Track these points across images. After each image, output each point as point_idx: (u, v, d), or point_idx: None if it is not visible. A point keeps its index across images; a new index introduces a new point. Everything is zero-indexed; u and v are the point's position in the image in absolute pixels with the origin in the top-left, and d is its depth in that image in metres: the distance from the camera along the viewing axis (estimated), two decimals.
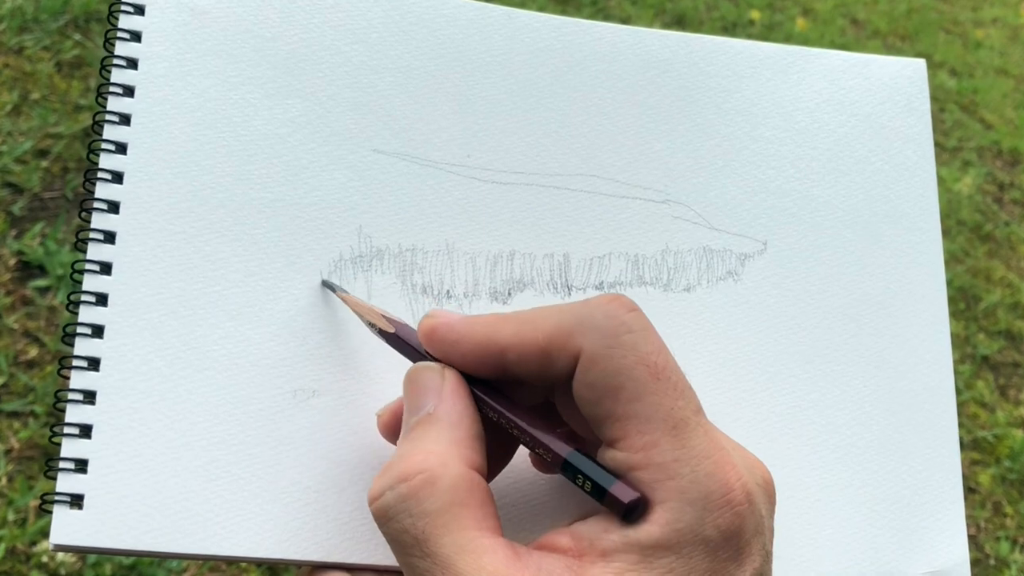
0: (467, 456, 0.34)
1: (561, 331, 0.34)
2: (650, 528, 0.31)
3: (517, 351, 0.35)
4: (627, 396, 0.33)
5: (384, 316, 0.40)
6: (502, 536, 0.32)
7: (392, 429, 0.39)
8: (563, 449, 0.34)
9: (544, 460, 0.35)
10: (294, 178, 0.43)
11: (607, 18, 2.43)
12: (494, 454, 0.36)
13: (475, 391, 0.36)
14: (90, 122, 1.59)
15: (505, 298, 0.45)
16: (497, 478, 0.40)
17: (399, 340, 0.39)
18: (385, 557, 0.40)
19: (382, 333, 0.40)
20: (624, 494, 0.32)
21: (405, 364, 0.38)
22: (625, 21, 2.45)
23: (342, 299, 0.42)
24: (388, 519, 0.33)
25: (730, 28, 2.69)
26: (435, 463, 0.33)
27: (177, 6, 0.43)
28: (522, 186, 0.46)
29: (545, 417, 0.37)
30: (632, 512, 0.32)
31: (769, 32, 2.76)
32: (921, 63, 0.53)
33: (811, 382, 0.47)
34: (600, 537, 0.32)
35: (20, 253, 1.39)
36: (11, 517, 1.16)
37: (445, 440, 0.34)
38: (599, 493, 0.33)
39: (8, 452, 1.21)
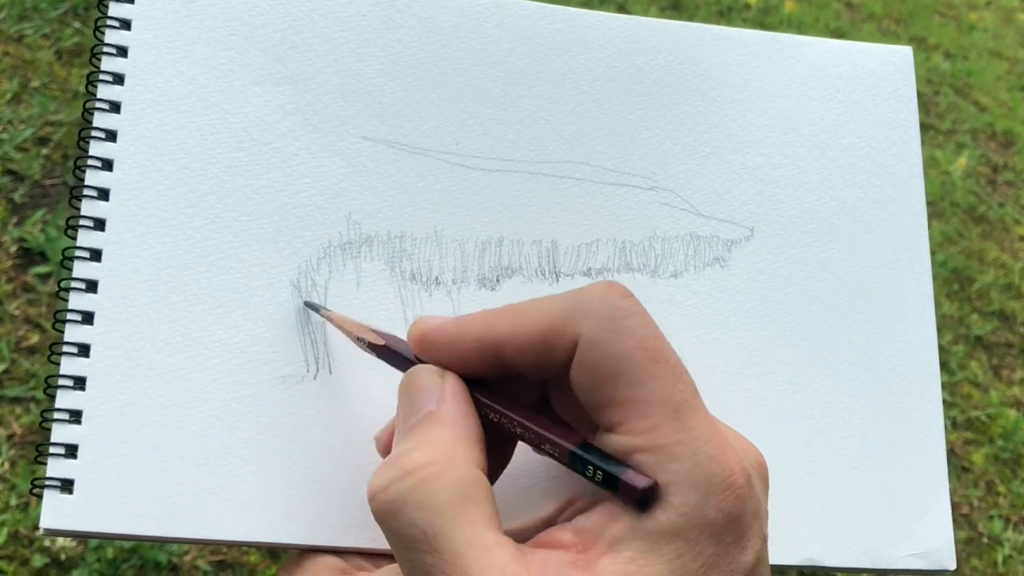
0: (471, 455, 0.33)
1: (559, 319, 0.34)
2: (656, 514, 0.31)
3: (515, 343, 0.35)
4: (627, 381, 0.32)
5: (372, 330, 0.40)
6: (504, 535, 0.32)
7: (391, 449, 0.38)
8: (570, 442, 0.33)
9: (551, 455, 0.34)
10: (283, 165, 0.44)
11: None
12: (492, 458, 0.35)
13: (475, 394, 0.36)
14: None
15: (493, 284, 0.45)
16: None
17: (390, 351, 0.39)
18: (373, 541, 0.41)
19: (371, 347, 0.39)
20: (638, 481, 0.31)
21: None
22: (621, 3, 2.45)
23: (326, 318, 0.42)
24: (394, 513, 0.32)
25: (726, 12, 2.69)
26: (442, 457, 0.32)
27: None
28: (510, 173, 0.46)
29: (542, 413, 0.36)
30: (647, 499, 0.31)
31: (764, 16, 2.75)
32: (908, 51, 0.53)
33: (798, 367, 0.48)
34: (606, 528, 0.32)
35: (21, 240, 1.39)
36: (13, 502, 1.17)
37: (449, 437, 0.33)
38: (611, 482, 0.32)
39: (10, 437, 1.22)
